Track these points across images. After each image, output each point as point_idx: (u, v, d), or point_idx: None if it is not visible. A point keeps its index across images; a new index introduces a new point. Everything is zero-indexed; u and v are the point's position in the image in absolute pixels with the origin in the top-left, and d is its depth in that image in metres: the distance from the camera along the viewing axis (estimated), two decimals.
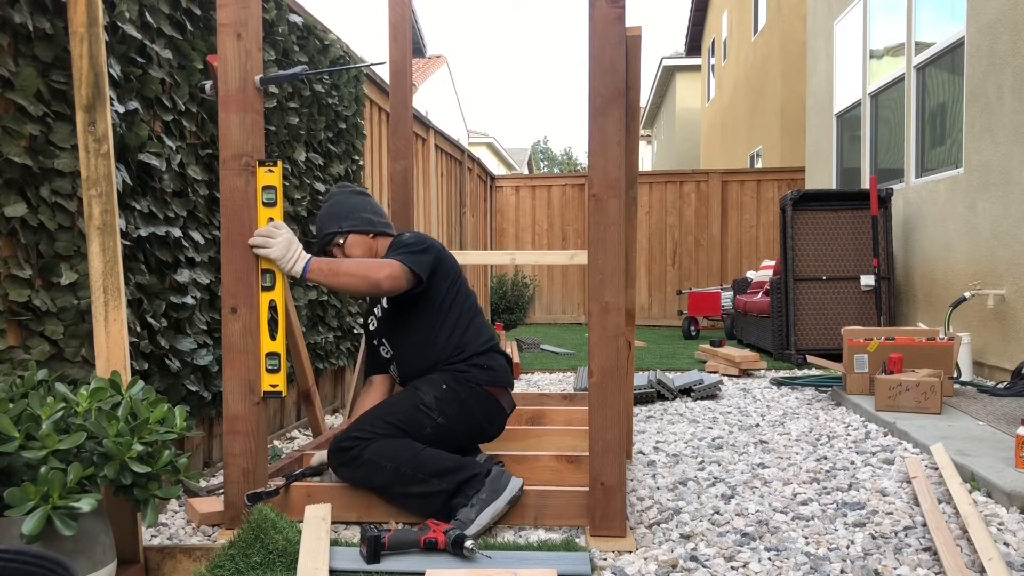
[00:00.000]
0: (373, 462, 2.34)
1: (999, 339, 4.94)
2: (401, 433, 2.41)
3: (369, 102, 5.11)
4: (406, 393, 2.56)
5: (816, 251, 6.25)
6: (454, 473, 2.32)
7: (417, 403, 2.48)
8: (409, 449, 2.37)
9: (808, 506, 2.57)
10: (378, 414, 2.47)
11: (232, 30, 2.28)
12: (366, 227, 2.71)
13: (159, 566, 2.01)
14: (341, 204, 2.73)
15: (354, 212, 2.71)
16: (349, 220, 2.69)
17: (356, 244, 2.69)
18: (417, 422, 2.45)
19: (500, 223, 11.04)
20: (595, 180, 2.25)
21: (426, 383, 2.54)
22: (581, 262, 3.72)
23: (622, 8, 2.22)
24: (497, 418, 2.66)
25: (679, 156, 22.24)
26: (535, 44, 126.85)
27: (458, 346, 2.61)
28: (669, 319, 10.57)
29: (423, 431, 2.44)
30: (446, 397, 2.50)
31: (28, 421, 1.67)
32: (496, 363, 2.65)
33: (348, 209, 2.71)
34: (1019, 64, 4.71)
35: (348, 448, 2.37)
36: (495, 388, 2.62)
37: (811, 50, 9.06)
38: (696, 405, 4.53)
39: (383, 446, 2.36)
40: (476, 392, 2.56)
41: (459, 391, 2.53)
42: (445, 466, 2.34)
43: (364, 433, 2.39)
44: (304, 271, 2.36)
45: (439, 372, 2.57)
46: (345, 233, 2.68)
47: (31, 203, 2.12)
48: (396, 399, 2.57)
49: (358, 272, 2.46)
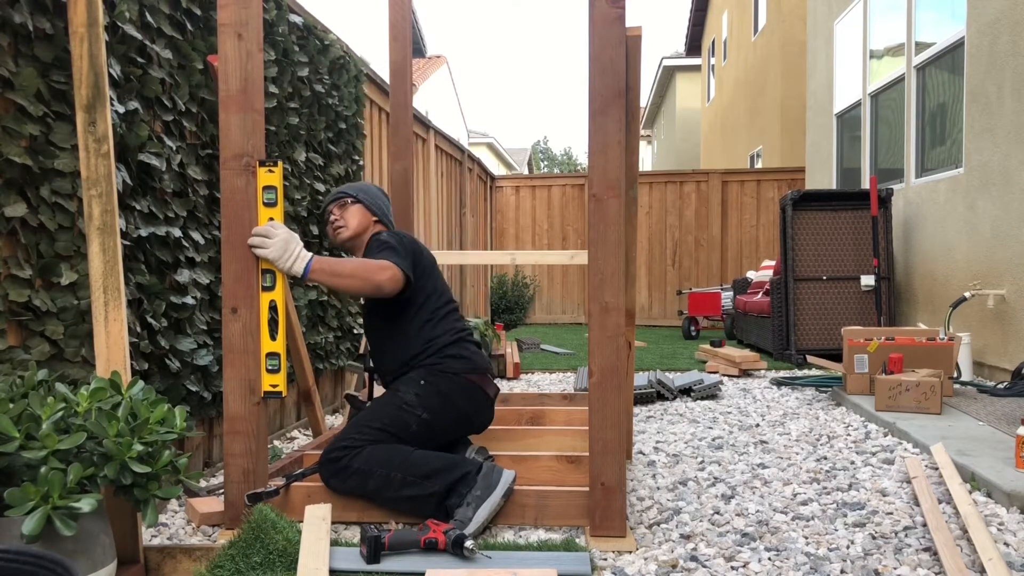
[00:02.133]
0: (362, 470, 2.33)
1: (999, 339, 4.94)
2: (388, 436, 2.41)
3: (369, 102, 5.11)
4: (386, 396, 2.57)
5: (816, 251, 6.25)
6: (445, 473, 2.31)
7: (398, 403, 2.49)
8: (398, 453, 2.36)
9: (808, 506, 2.57)
10: (362, 420, 2.47)
11: (233, 30, 2.28)
12: (374, 209, 2.81)
13: (159, 566, 2.01)
14: (367, 186, 2.88)
15: (373, 195, 2.84)
16: (365, 195, 2.81)
17: (357, 213, 2.77)
18: (402, 422, 2.45)
19: (500, 223, 11.04)
20: (595, 180, 2.25)
21: (404, 383, 2.55)
22: (581, 262, 3.72)
23: (622, 8, 2.22)
24: (483, 406, 2.66)
25: (679, 156, 22.24)
26: (535, 44, 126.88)
27: (429, 339, 2.60)
28: (669, 319, 10.57)
29: (409, 429, 2.45)
30: (426, 392, 2.51)
31: (28, 421, 1.67)
32: (468, 351, 2.65)
33: (369, 191, 2.85)
34: (1019, 64, 4.71)
35: (338, 459, 2.36)
36: (473, 375, 2.61)
37: (811, 50, 9.06)
38: (696, 405, 4.53)
39: (371, 453, 2.35)
40: (455, 382, 2.56)
41: (438, 383, 2.53)
42: (434, 467, 2.32)
43: (352, 442, 2.38)
44: (305, 271, 2.36)
45: (415, 370, 2.57)
46: (357, 200, 2.78)
47: (31, 203, 2.12)
48: (378, 403, 2.56)
49: (361, 274, 2.46)
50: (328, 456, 2.39)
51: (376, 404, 2.57)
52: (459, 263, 7.82)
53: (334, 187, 4.27)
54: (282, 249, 2.30)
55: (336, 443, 2.41)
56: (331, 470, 2.38)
